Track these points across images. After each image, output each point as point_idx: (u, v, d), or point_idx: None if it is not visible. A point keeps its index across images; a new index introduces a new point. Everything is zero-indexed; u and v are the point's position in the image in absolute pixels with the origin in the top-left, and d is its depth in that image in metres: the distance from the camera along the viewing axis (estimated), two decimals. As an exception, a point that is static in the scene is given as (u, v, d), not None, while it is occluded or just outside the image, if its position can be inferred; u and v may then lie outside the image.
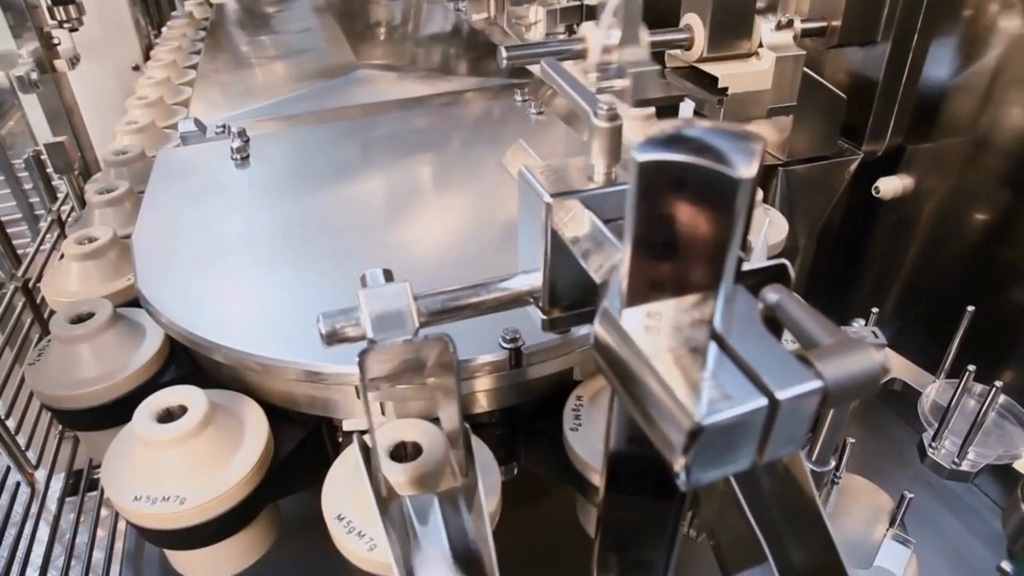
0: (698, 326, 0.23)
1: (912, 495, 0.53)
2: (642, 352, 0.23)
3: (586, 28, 0.73)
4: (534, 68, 1.02)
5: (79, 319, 0.57)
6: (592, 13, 0.92)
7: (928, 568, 0.57)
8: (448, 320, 0.34)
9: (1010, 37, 0.71)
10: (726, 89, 0.75)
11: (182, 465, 0.46)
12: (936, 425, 0.61)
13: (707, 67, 0.76)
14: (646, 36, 0.73)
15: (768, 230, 0.57)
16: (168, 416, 0.48)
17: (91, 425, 0.57)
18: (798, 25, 0.76)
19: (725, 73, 0.75)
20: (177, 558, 0.52)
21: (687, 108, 0.74)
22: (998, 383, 0.57)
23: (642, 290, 0.24)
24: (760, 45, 0.76)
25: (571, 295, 0.35)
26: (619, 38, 0.70)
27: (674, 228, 0.23)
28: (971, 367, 0.58)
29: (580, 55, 0.73)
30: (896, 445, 0.80)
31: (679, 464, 0.21)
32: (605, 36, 0.70)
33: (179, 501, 0.45)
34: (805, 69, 0.77)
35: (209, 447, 0.47)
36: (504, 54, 0.67)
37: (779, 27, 0.75)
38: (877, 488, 0.58)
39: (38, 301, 0.83)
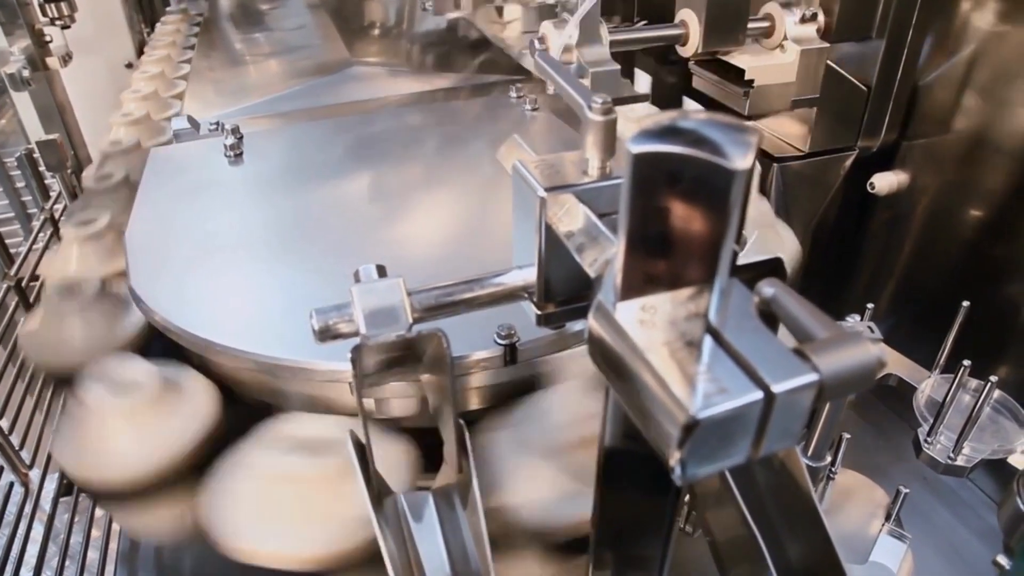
0: (693, 319, 0.23)
1: (908, 490, 0.53)
2: (636, 346, 0.23)
3: (545, 28, 0.72)
4: (529, 64, 1.02)
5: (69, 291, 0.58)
6: (551, 12, 0.92)
7: (923, 563, 0.57)
8: (442, 316, 0.34)
9: (1004, 33, 0.71)
10: (752, 81, 0.76)
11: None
12: (931, 420, 0.61)
13: (734, 59, 0.77)
14: (606, 35, 0.73)
15: (777, 247, 0.57)
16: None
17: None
18: (822, 19, 0.76)
19: (752, 65, 0.75)
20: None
21: (690, 104, 0.74)
22: (993, 378, 0.57)
23: (636, 284, 0.24)
24: (784, 38, 0.76)
25: (565, 290, 0.35)
26: (577, 38, 0.70)
27: (668, 221, 0.23)
28: (966, 362, 0.58)
29: None
30: (892, 441, 0.81)
31: (674, 458, 0.21)
32: (565, 36, 0.70)
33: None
34: (828, 62, 0.78)
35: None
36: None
37: (803, 20, 0.75)
38: (873, 483, 0.58)
39: (31, 299, 0.82)
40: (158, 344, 0.58)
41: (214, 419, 0.49)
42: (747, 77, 0.76)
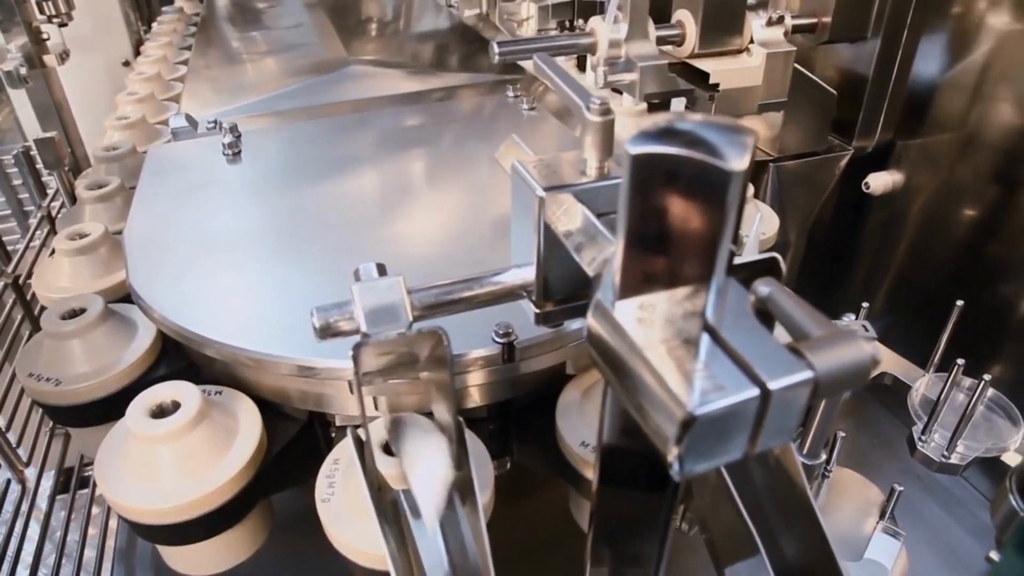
0: (690, 318, 0.23)
1: (902, 488, 0.54)
2: (635, 344, 0.23)
3: (595, 22, 0.73)
4: (526, 64, 1.02)
5: (71, 315, 0.57)
6: (592, 8, 0.92)
7: (917, 560, 0.58)
8: (441, 314, 0.34)
9: (998, 33, 0.72)
10: (717, 85, 0.76)
11: (176, 460, 0.46)
12: (926, 419, 0.61)
13: (698, 63, 0.76)
14: (654, 30, 0.73)
15: (759, 224, 0.58)
16: (161, 412, 0.48)
17: (82, 422, 0.57)
18: (789, 21, 0.76)
19: (716, 69, 0.75)
20: (170, 554, 0.52)
21: (678, 103, 0.74)
22: (986, 376, 0.57)
23: (635, 282, 0.24)
24: (751, 41, 0.76)
25: (564, 289, 0.35)
26: (626, 32, 0.70)
27: (666, 221, 0.23)
28: (960, 361, 0.59)
29: (589, 49, 0.73)
30: (886, 439, 0.81)
31: (672, 454, 0.22)
32: (612, 30, 0.70)
33: (173, 496, 0.45)
34: (796, 65, 0.78)
35: (203, 442, 0.47)
36: (496, 49, 0.67)
37: (770, 23, 0.76)
38: (867, 481, 0.58)
39: (28, 297, 0.82)
40: (165, 366, 0.58)
41: (262, 439, 0.50)
42: (712, 81, 0.76)
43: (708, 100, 0.76)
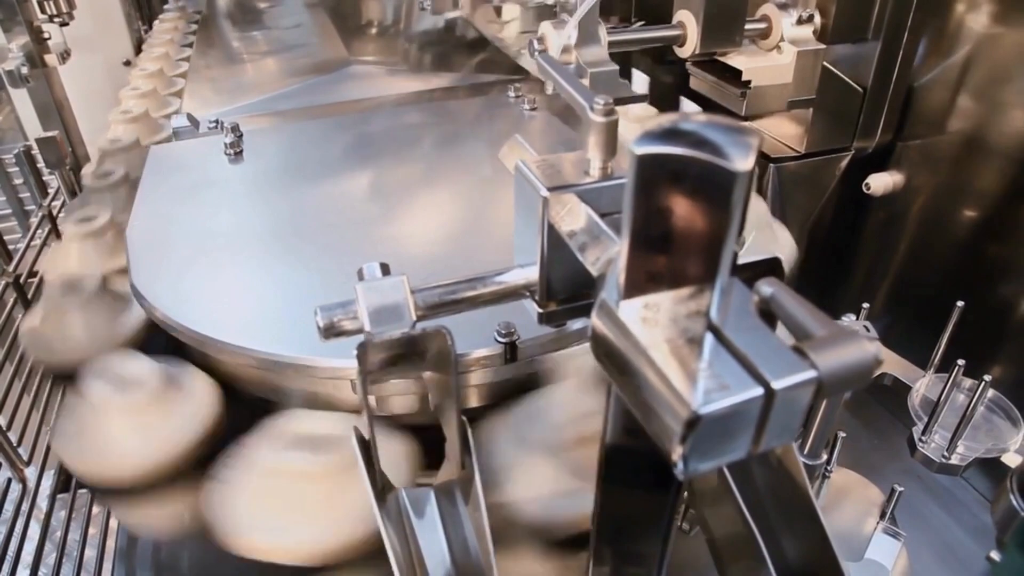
0: (695, 317, 0.24)
1: (902, 489, 0.54)
2: (640, 343, 0.23)
3: (544, 28, 0.73)
4: (528, 64, 1.02)
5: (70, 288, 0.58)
6: (549, 12, 0.92)
7: (917, 560, 0.58)
8: (445, 313, 0.35)
9: (999, 35, 0.72)
10: (749, 82, 0.76)
11: (126, 424, 0.48)
12: (926, 419, 0.61)
13: (731, 60, 0.77)
14: (605, 35, 0.73)
15: (774, 247, 0.57)
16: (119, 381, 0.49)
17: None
18: (818, 20, 0.77)
19: (748, 66, 0.76)
20: (122, 512, 0.54)
21: (687, 104, 0.75)
22: (987, 377, 0.57)
23: (639, 282, 0.24)
24: (781, 39, 0.77)
25: (567, 289, 0.35)
26: (576, 39, 0.70)
27: (671, 221, 0.23)
28: (960, 362, 0.59)
29: None
30: (886, 439, 0.81)
31: (677, 453, 0.22)
32: (564, 36, 0.70)
33: (123, 458, 0.47)
34: (824, 63, 0.78)
35: (155, 408, 0.48)
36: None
37: (800, 22, 0.76)
38: (868, 482, 0.58)
39: (29, 296, 0.82)
40: (158, 340, 0.58)
41: (215, 416, 0.50)
42: (744, 78, 0.77)
43: (739, 97, 0.77)
